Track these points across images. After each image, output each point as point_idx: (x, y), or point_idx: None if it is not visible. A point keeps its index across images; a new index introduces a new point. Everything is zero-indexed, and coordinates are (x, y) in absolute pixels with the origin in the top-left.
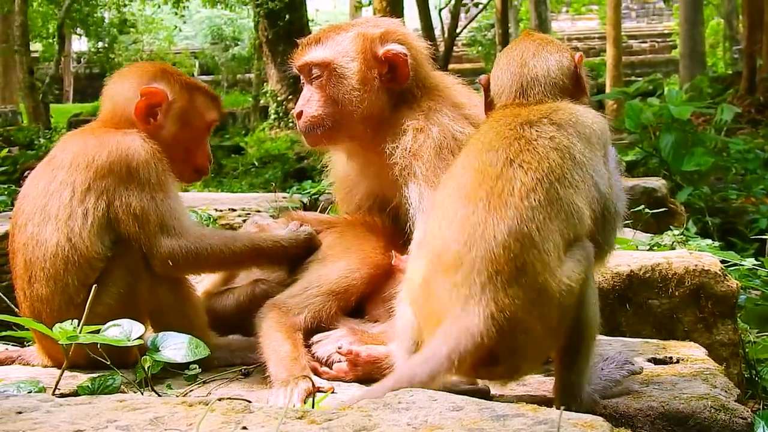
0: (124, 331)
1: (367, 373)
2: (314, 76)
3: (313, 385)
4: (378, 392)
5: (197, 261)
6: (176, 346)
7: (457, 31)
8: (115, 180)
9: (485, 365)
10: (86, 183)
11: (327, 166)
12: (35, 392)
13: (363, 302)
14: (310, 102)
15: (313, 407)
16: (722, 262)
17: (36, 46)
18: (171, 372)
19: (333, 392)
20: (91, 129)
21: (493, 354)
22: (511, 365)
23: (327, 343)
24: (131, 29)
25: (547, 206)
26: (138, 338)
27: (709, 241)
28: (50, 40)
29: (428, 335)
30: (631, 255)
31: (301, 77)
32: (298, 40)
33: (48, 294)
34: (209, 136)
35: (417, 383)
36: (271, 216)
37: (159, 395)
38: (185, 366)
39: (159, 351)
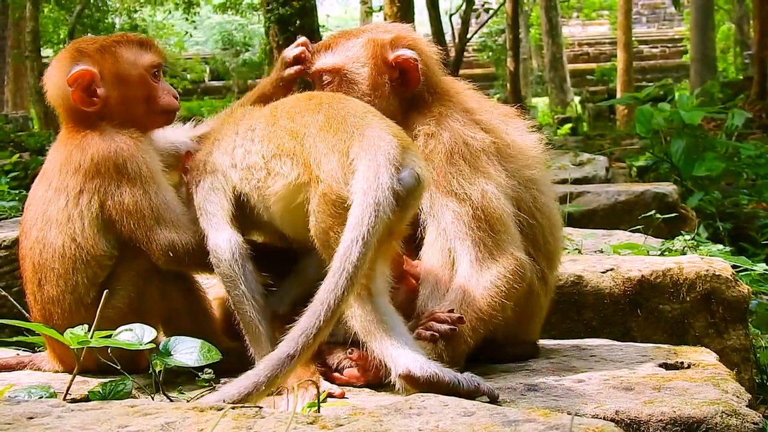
0: (137, 335)
1: (378, 378)
2: (326, 82)
3: (319, 390)
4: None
5: (198, 256)
6: (188, 351)
7: (468, 36)
8: (105, 180)
9: None
10: (78, 187)
11: None
12: (46, 397)
13: None
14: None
15: (318, 411)
16: (733, 267)
17: (47, 52)
18: (183, 377)
19: (344, 397)
20: (67, 137)
21: None
22: None
23: (338, 349)
24: (142, 35)
25: None
26: (150, 342)
27: (720, 246)
28: (61, 46)
29: None
30: (642, 260)
31: (313, 84)
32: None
33: (58, 294)
34: (160, 75)
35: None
36: None
37: (171, 400)
38: (198, 370)
39: (171, 355)
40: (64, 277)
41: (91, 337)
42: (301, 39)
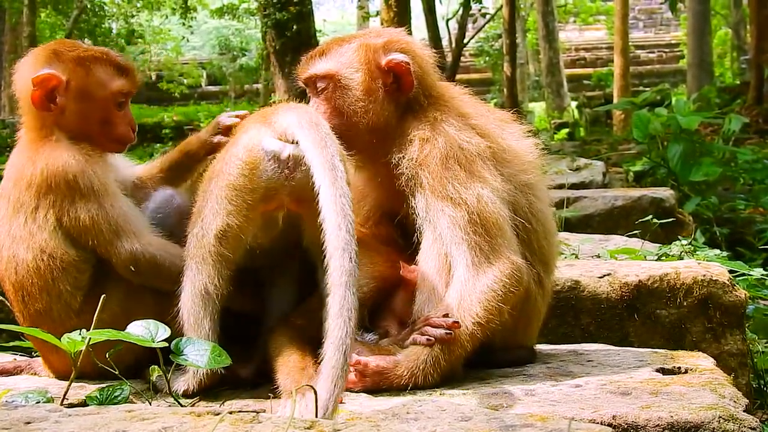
0: (150, 331)
1: (376, 383)
2: (320, 88)
3: (316, 395)
4: None
5: (159, 269)
6: (199, 353)
7: (465, 41)
8: (57, 196)
9: None
10: (32, 203)
11: None
12: (43, 402)
13: (372, 314)
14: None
15: (317, 417)
16: (730, 272)
17: None
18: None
19: (342, 402)
20: (22, 145)
21: None
22: None
23: None
24: (139, 40)
25: None
26: (163, 340)
27: (717, 251)
28: None
29: None
30: (640, 265)
31: (308, 90)
32: (303, 54)
33: (45, 306)
34: (126, 103)
35: None
36: None
37: (180, 404)
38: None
39: (183, 355)
40: (46, 289)
41: (88, 341)
42: (242, 112)
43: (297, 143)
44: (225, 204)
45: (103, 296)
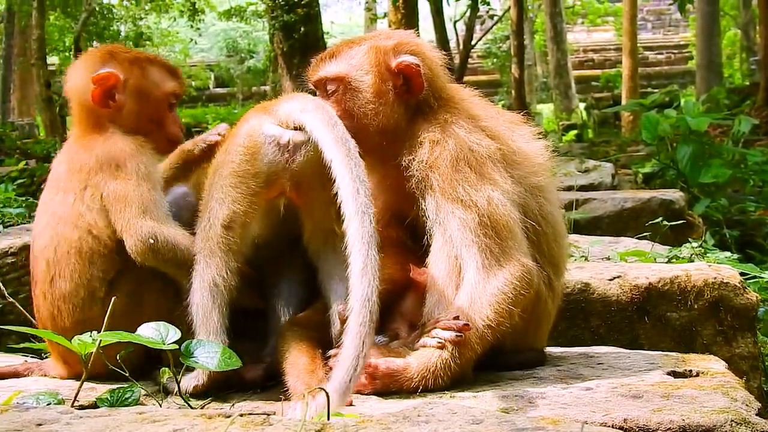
0: (160, 333)
1: (386, 386)
2: (330, 91)
3: (328, 397)
4: None
5: (175, 252)
6: (210, 355)
7: (473, 43)
8: (106, 175)
9: None
10: (83, 183)
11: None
12: (54, 404)
13: (382, 316)
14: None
15: (328, 419)
16: (741, 274)
17: (53, 60)
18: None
19: (351, 405)
20: (74, 141)
21: None
22: None
23: None
24: (147, 42)
25: None
26: (173, 342)
27: (728, 254)
28: (67, 54)
29: None
30: (650, 267)
31: (318, 93)
32: (312, 57)
33: (72, 289)
34: (175, 106)
35: None
36: None
37: (190, 407)
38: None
39: (193, 357)
40: (79, 271)
41: (99, 342)
42: (221, 127)
43: (298, 129)
44: (229, 191)
45: (114, 298)
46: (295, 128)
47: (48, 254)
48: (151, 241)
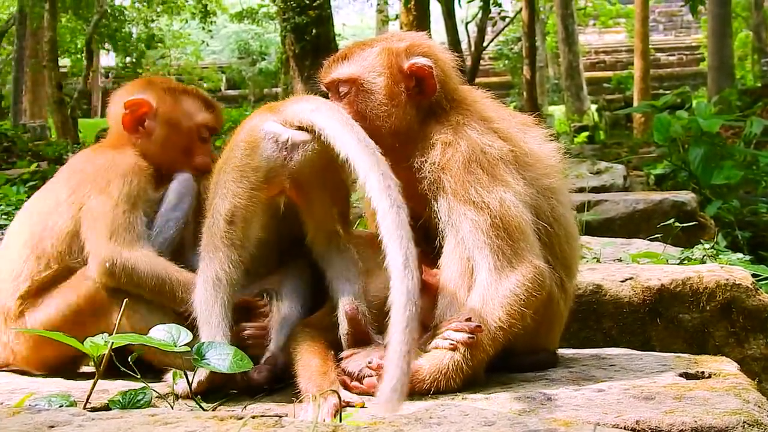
0: (171, 335)
1: None
2: (342, 92)
3: (340, 399)
4: None
5: (131, 279)
6: (221, 356)
7: (484, 44)
8: (93, 188)
9: None
10: (71, 189)
11: (356, 181)
12: (66, 406)
13: None
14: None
15: (341, 421)
16: (753, 276)
17: (65, 62)
18: None
19: (363, 407)
20: (92, 148)
21: None
22: None
23: (358, 358)
24: (159, 44)
25: None
26: (185, 345)
27: (740, 255)
28: (79, 56)
29: None
30: (662, 269)
31: (330, 95)
32: (324, 59)
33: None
34: (209, 139)
35: None
36: None
37: (190, 409)
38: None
39: (204, 359)
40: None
41: (111, 344)
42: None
43: (303, 129)
44: (231, 186)
45: (125, 300)
46: (299, 128)
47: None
48: (107, 264)
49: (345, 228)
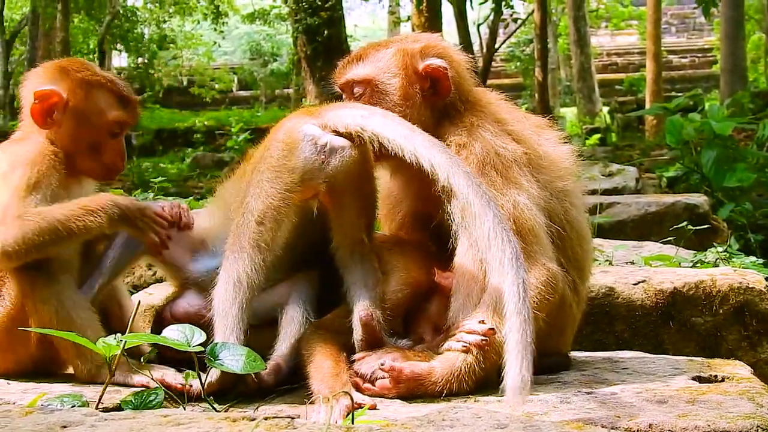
0: (185, 336)
1: (410, 389)
2: (357, 94)
3: (353, 400)
4: None
5: (29, 250)
6: (234, 357)
7: (496, 46)
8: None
9: None
10: None
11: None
12: (79, 406)
13: (406, 320)
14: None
15: (353, 423)
16: (766, 279)
17: None
18: None
19: (375, 408)
20: (9, 141)
21: None
22: None
23: (370, 360)
24: (171, 45)
25: None
26: (198, 345)
27: (753, 258)
28: (91, 56)
29: None
30: (675, 272)
31: (344, 95)
32: (337, 60)
33: None
34: (121, 134)
35: None
36: None
37: (202, 410)
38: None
39: (217, 359)
40: None
41: (124, 344)
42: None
43: (339, 135)
44: (265, 186)
45: (138, 300)
46: (337, 133)
47: None
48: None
49: (369, 237)
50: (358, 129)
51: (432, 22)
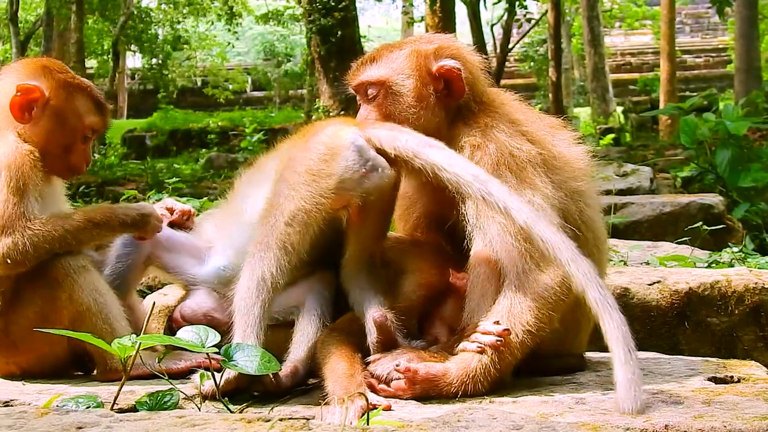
0: (200, 337)
1: (425, 390)
2: (371, 95)
3: (368, 401)
4: None
5: (38, 253)
6: (249, 358)
7: (510, 46)
8: None
9: None
10: None
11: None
12: (94, 407)
13: (421, 321)
14: (368, 121)
15: (368, 424)
16: None
17: (91, 63)
18: None
19: (390, 409)
20: None
21: None
22: None
23: (385, 361)
24: (185, 46)
25: None
26: (213, 345)
27: None
28: (105, 57)
29: None
30: (690, 272)
31: (358, 97)
32: (351, 60)
33: None
34: (91, 139)
35: None
36: None
37: (217, 411)
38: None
39: (232, 360)
40: None
41: (139, 345)
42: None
43: (378, 151)
44: (300, 189)
45: (153, 302)
46: (380, 152)
47: None
48: (8, 260)
49: (380, 248)
50: (410, 155)
51: (446, 22)
